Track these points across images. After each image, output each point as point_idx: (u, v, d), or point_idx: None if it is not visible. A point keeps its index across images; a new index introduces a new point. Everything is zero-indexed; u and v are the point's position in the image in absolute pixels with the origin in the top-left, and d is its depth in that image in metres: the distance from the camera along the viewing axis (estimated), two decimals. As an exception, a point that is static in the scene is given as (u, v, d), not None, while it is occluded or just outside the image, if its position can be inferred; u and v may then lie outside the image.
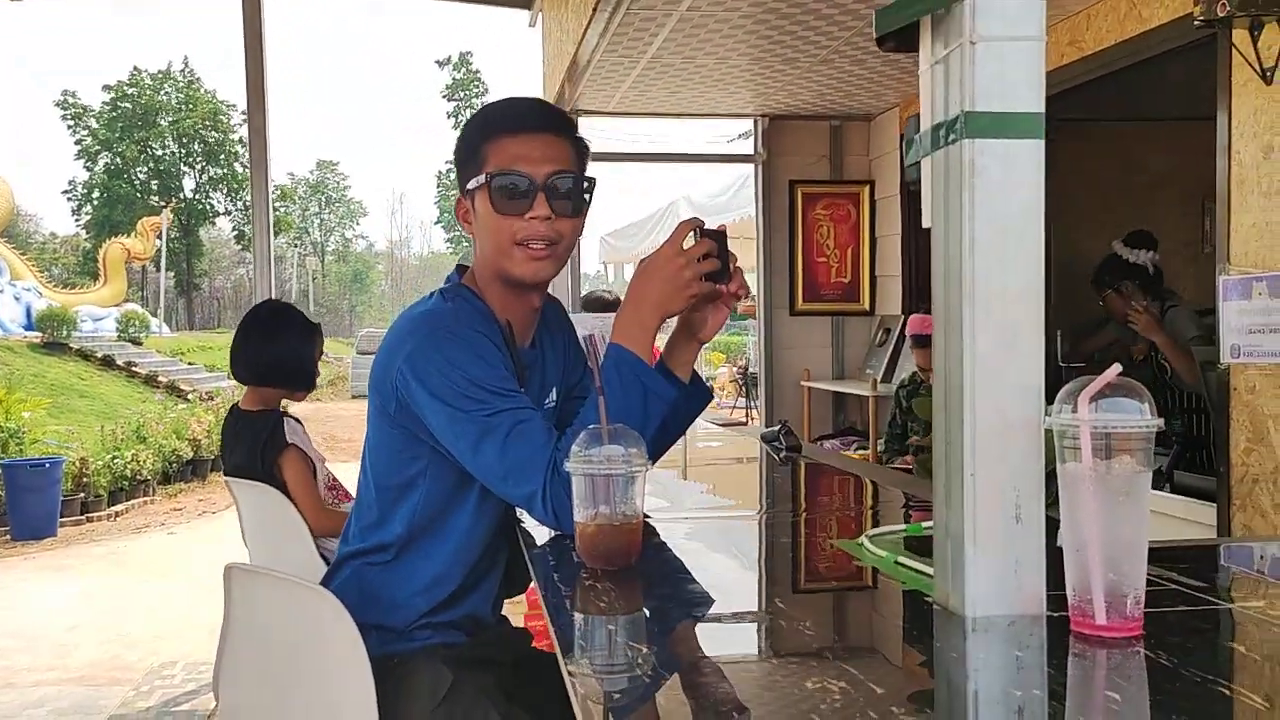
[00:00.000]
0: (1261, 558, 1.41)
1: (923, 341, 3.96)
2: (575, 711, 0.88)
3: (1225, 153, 2.85)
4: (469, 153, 1.53)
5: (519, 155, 1.49)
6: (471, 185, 1.51)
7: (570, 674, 0.94)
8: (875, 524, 1.67)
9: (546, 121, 1.54)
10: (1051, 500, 1.04)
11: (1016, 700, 0.85)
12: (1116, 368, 0.98)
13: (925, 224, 1.13)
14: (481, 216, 1.51)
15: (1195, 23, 2.73)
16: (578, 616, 1.17)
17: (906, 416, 4.05)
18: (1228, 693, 0.84)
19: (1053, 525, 1.05)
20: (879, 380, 4.89)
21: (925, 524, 1.46)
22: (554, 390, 1.67)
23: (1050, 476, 1.04)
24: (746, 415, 9.80)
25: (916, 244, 5.05)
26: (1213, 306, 3.00)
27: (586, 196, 1.54)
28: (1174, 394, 3.63)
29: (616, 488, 1.28)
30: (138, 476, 8.62)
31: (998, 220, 1.03)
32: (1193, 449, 3.61)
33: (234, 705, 1.54)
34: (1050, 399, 1.02)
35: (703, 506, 2.04)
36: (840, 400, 5.59)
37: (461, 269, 1.63)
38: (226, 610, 1.53)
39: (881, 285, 5.46)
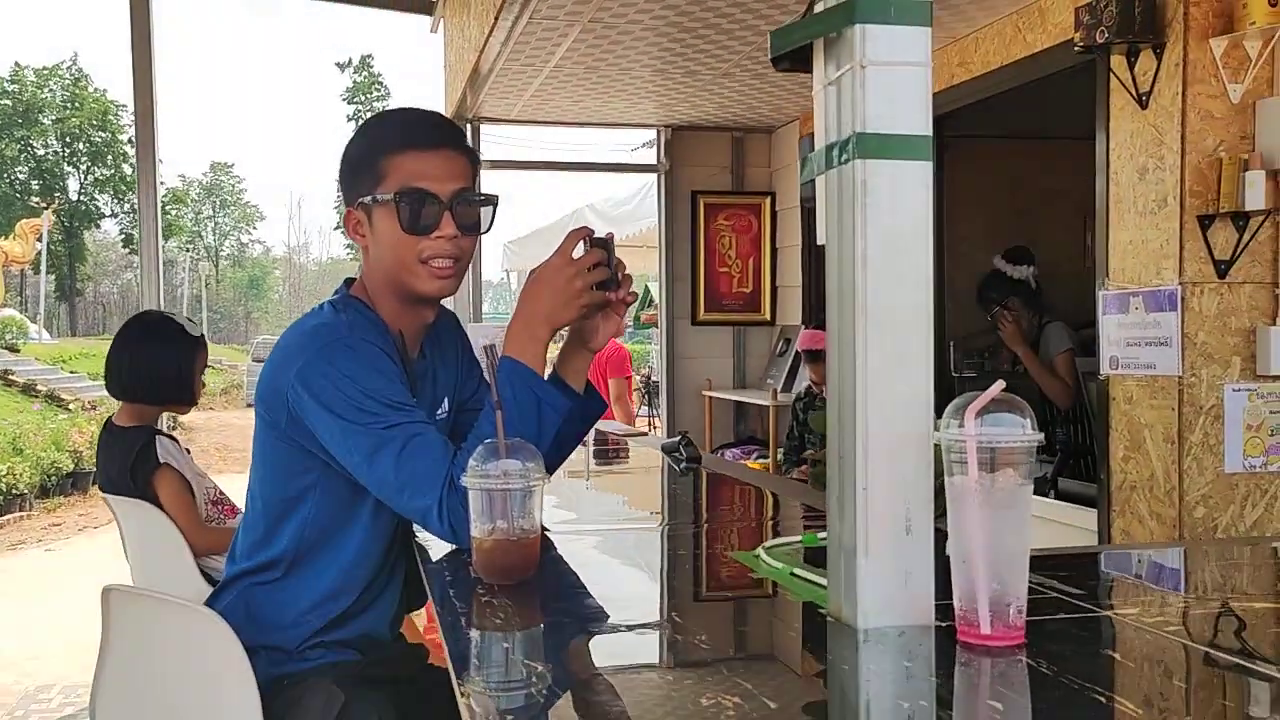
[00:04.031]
0: (1139, 570, 1.47)
1: (815, 356, 4.03)
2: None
3: (1104, 173, 2.98)
4: (363, 165, 1.50)
5: (421, 172, 1.47)
6: (368, 199, 1.48)
7: (463, 694, 0.93)
8: (774, 535, 1.69)
9: (446, 136, 1.52)
10: (939, 513, 1.06)
11: (905, 711, 0.87)
12: (1000, 384, 1.01)
13: (820, 241, 1.15)
14: (382, 232, 1.48)
15: (1075, 48, 2.86)
16: (474, 633, 1.15)
17: (803, 429, 4.12)
18: (1104, 700, 0.87)
19: (940, 537, 1.07)
20: (779, 390, 4.96)
21: (821, 534, 1.48)
22: (445, 401, 1.65)
23: (939, 490, 1.07)
24: (650, 424, 9.83)
25: (816, 256, 5.14)
26: (1093, 320, 3.13)
27: (491, 213, 1.54)
28: (1054, 406, 3.77)
29: (514, 502, 1.27)
30: (13, 490, 8.22)
31: (887, 238, 1.05)
32: (1076, 457, 3.75)
33: (112, 733, 1.48)
34: (943, 408, 1.05)
35: (602, 517, 2.04)
36: (741, 409, 5.66)
37: (349, 281, 1.60)
38: (104, 634, 1.47)
39: (782, 296, 5.55)
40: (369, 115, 1.67)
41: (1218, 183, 2.65)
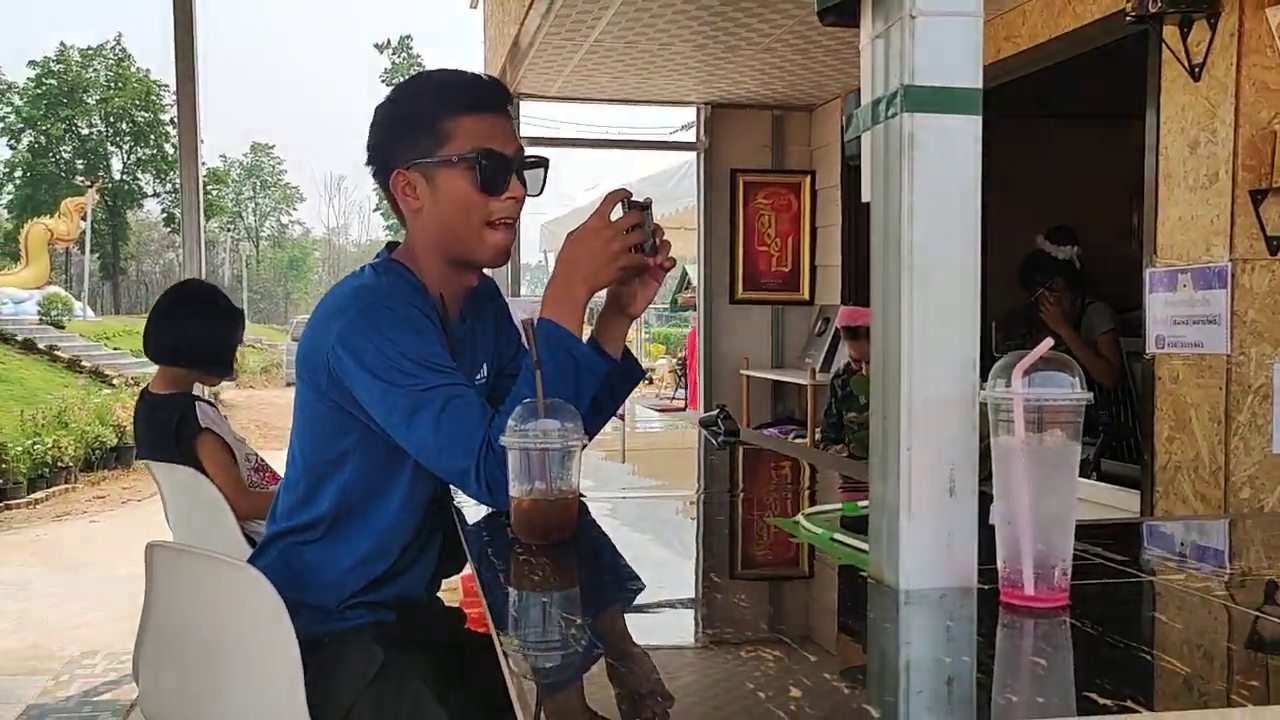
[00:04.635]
0: (1183, 543, 1.44)
1: (854, 333, 4.00)
2: (509, 688, 0.86)
3: (1153, 148, 2.92)
4: (420, 125, 1.50)
5: (489, 134, 1.49)
6: (431, 160, 1.48)
7: (504, 649, 0.93)
8: (811, 504, 1.68)
9: (504, 99, 1.56)
10: (984, 476, 1.05)
11: (947, 666, 0.86)
12: (1049, 342, 0.99)
13: (865, 198, 1.13)
14: (448, 193, 1.49)
15: (1127, 19, 2.79)
16: (512, 592, 1.15)
17: (841, 406, 4.09)
18: (1149, 659, 0.85)
19: (984, 501, 1.06)
20: (817, 370, 4.93)
21: (861, 503, 1.47)
22: (485, 366, 1.66)
23: (984, 452, 1.05)
24: (686, 404, 9.82)
25: (856, 234, 5.09)
26: (1135, 303, 3.07)
27: (543, 176, 1.56)
28: (1099, 386, 3.71)
29: (552, 462, 1.27)
30: (59, 463, 8.38)
31: (935, 194, 1.03)
32: (1119, 438, 3.70)
33: (154, 688, 1.50)
34: (985, 377, 1.03)
35: (640, 486, 2.03)
36: (779, 389, 5.63)
37: (391, 245, 1.61)
38: (148, 590, 1.49)
39: (821, 275, 5.51)
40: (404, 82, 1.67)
41: (1271, 156, 2.58)
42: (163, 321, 2.68)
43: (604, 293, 1.54)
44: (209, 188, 37.43)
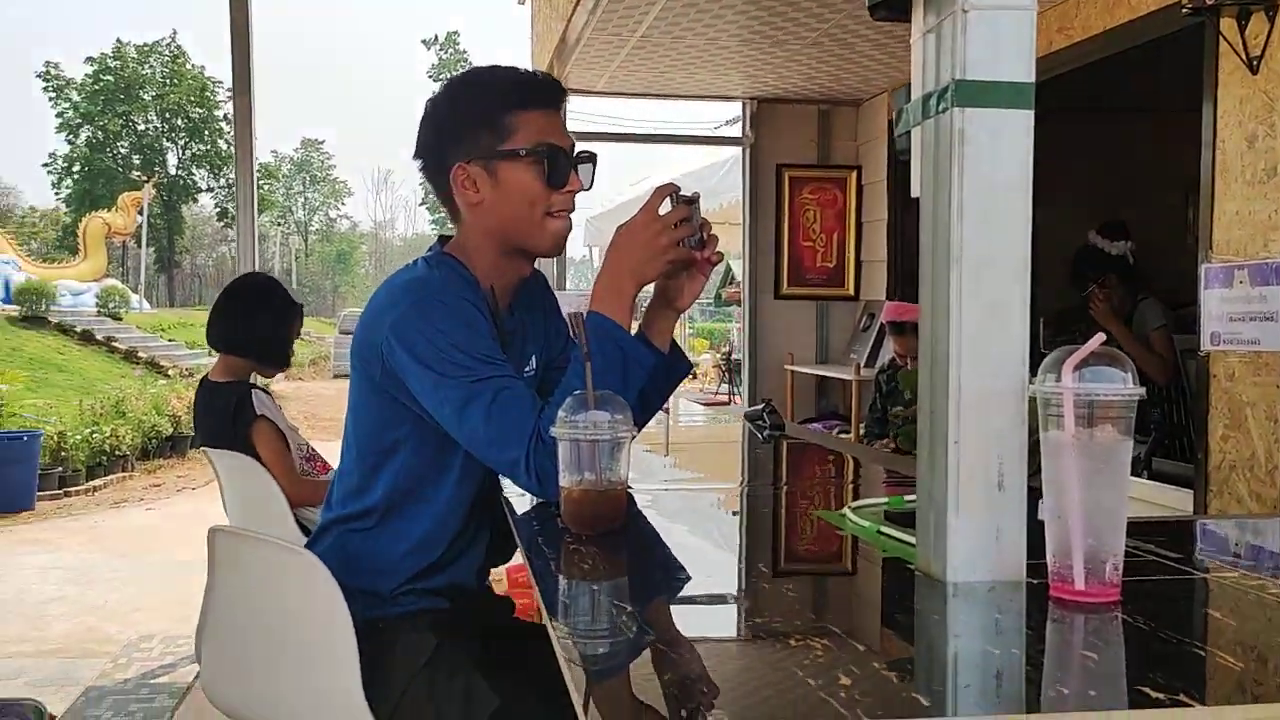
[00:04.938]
0: (1237, 543, 1.42)
1: (899, 328, 3.97)
2: (564, 673, 0.88)
3: (1210, 142, 2.87)
4: (482, 120, 1.53)
5: (550, 129, 1.53)
6: (493, 153, 1.51)
7: (555, 635, 0.95)
8: (855, 498, 1.68)
9: (561, 98, 1.60)
10: (1034, 471, 1.05)
11: (995, 658, 0.86)
12: (1100, 337, 0.99)
13: (914, 193, 1.13)
14: (512, 186, 1.52)
15: (1184, 10, 2.75)
16: (562, 580, 1.17)
17: (886, 401, 4.07)
18: (1202, 654, 0.85)
19: (1034, 496, 1.06)
20: (862, 365, 4.91)
21: (907, 497, 1.47)
22: (534, 358, 1.68)
23: (1034, 447, 1.05)
24: (730, 399, 9.82)
25: (902, 229, 5.06)
26: (1189, 299, 3.02)
27: (592, 171, 1.60)
28: (1152, 383, 3.66)
29: (601, 453, 1.28)
30: (116, 451, 8.56)
31: (986, 189, 1.03)
32: (1171, 436, 3.64)
33: (216, 668, 1.54)
34: (1034, 372, 1.03)
35: (684, 479, 2.05)
36: (824, 384, 5.62)
37: (443, 239, 1.63)
38: (210, 573, 1.53)
39: (867, 270, 5.48)
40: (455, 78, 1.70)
41: (1332, 150, 2.53)
42: (225, 312, 2.76)
43: (651, 286, 1.55)
44: (261, 182, 37.88)
